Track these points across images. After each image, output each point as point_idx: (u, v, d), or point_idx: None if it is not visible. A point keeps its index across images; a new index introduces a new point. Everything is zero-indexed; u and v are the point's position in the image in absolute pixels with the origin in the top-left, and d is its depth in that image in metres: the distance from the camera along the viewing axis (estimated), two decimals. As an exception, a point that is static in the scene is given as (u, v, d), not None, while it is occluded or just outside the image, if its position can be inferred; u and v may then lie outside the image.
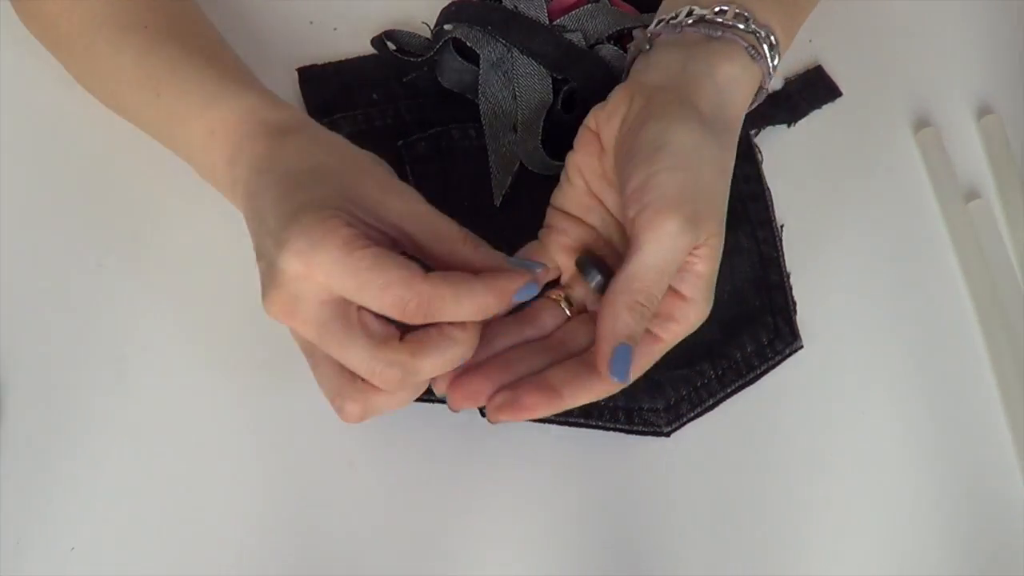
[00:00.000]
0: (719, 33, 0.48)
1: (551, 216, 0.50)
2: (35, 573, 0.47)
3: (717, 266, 0.45)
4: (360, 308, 0.42)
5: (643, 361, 0.46)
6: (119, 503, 0.49)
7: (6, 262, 0.53)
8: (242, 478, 0.49)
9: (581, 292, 0.48)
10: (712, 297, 0.46)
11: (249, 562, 0.48)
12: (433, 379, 0.44)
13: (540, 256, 0.48)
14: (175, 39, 0.50)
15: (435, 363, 0.42)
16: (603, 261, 0.48)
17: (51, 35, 0.53)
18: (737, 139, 0.48)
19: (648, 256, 0.43)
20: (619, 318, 0.43)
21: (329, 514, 0.49)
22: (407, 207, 0.44)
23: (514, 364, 0.46)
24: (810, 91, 0.58)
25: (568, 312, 0.48)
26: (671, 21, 0.49)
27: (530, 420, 0.46)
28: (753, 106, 0.50)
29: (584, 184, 0.48)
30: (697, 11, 0.49)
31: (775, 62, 0.49)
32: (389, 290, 0.41)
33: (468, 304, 0.42)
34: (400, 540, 0.49)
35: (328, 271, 0.40)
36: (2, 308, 0.52)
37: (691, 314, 0.45)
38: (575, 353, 0.47)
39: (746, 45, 0.48)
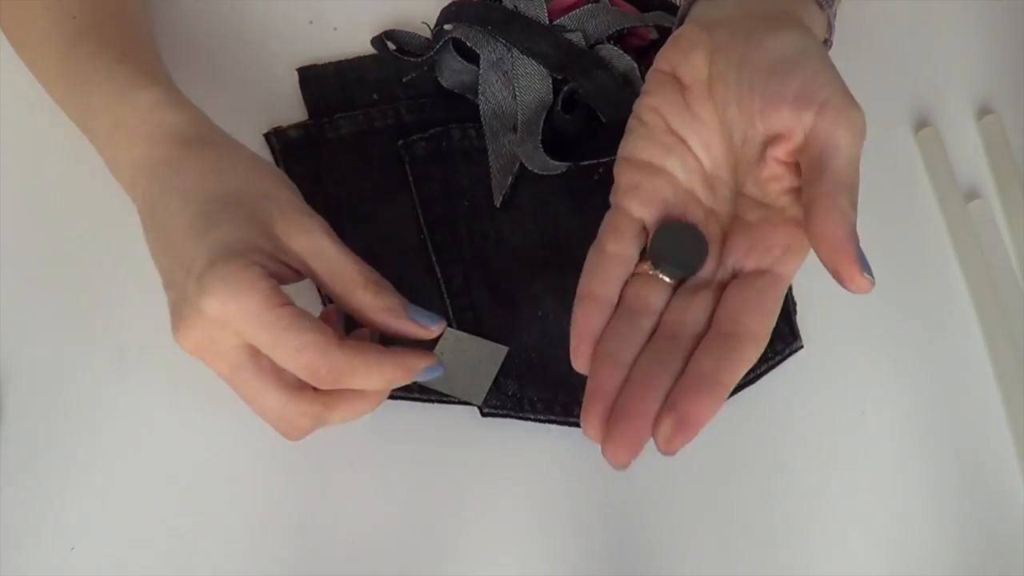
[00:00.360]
0: None
1: (620, 172, 0.45)
2: (35, 573, 0.47)
3: None
4: None
5: (776, 308, 0.41)
6: (119, 503, 0.49)
7: (6, 262, 0.53)
8: (242, 477, 0.49)
9: None
10: None
11: (249, 561, 0.48)
12: (585, 427, 0.40)
13: (622, 220, 0.44)
14: (97, 33, 0.50)
15: (344, 415, 0.44)
16: (683, 233, 0.43)
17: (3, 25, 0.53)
18: None
19: (848, 149, 0.40)
20: (848, 216, 0.39)
21: (329, 514, 0.49)
22: (312, 245, 0.44)
23: (653, 380, 0.40)
24: (810, 91, 0.58)
25: (668, 280, 0.43)
26: None
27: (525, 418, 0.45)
28: None
29: (663, 123, 0.45)
30: None
31: (833, 19, 0.48)
32: (303, 353, 0.41)
33: (376, 378, 0.43)
34: (400, 540, 0.49)
35: (246, 323, 0.41)
36: (2, 307, 0.52)
37: (806, 240, 0.41)
38: (701, 334, 0.41)
39: None
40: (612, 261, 0.43)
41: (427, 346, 0.51)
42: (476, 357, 0.50)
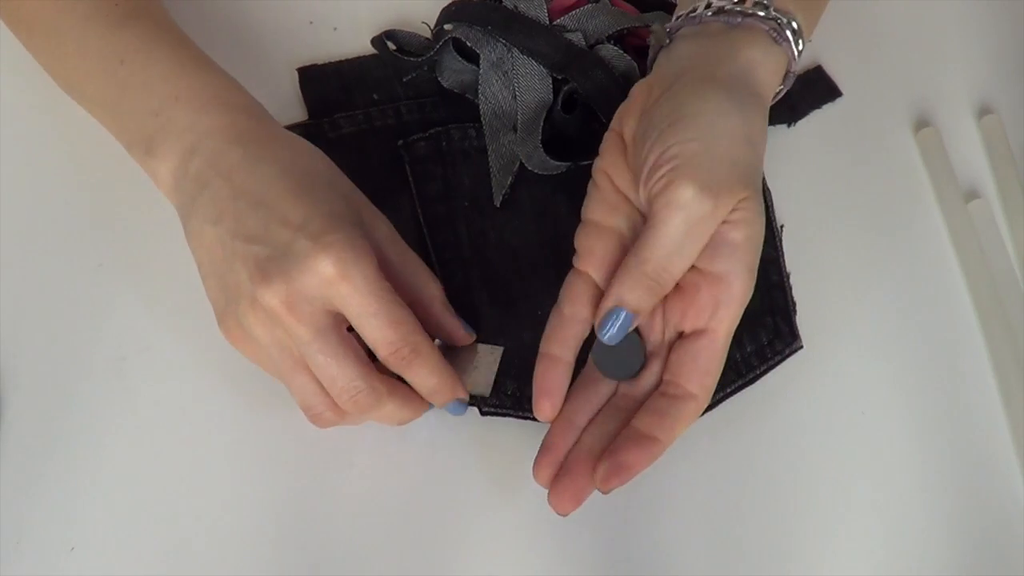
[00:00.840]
0: (739, 20, 0.48)
1: (578, 237, 0.49)
2: (35, 573, 0.47)
3: (757, 232, 0.45)
4: (349, 330, 0.45)
5: (713, 366, 0.46)
6: (119, 503, 0.49)
7: (7, 262, 0.53)
8: (242, 477, 0.49)
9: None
10: (756, 266, 0.45)
11: (249, 561, 0.48)
12: (535, 474, 0.46)
13: (579, 285, 0.47)
14: (149, 18, 0.50)
15: (393, 408, 0.46)
16: (622, 341, 0.46)
17: (10, 14, 0.53)
18: (766, 113, 0.47)
19: (664, 228, 0.43)
20: (629, 290, 0.44)
21: (329, 514, 0.49)
22: (389, 235, 0.47)
23: (598, 448, 0.46)
24: (810, 91, 0.58)
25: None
26: (690, 15, 0.49)
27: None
28: (783, 90, 0.50)
29: (611, 185, 0.48)
30: (716, 3, 0.49)
31: (800, 47, 0.49)
32: (398, 328, 0.44)
33: (434, 375, 0.46)
34: (400, 539, 0.49)
35: (357, 287, 0.43)
36: (2, 308, 0.52)
37: (735, 291, 0.45)
38: (645, 400, 0.47)
39: (767, 28, 0.48)
40: (568, 323, 0.47)
41: None
42: (474, 360, 0.50)
